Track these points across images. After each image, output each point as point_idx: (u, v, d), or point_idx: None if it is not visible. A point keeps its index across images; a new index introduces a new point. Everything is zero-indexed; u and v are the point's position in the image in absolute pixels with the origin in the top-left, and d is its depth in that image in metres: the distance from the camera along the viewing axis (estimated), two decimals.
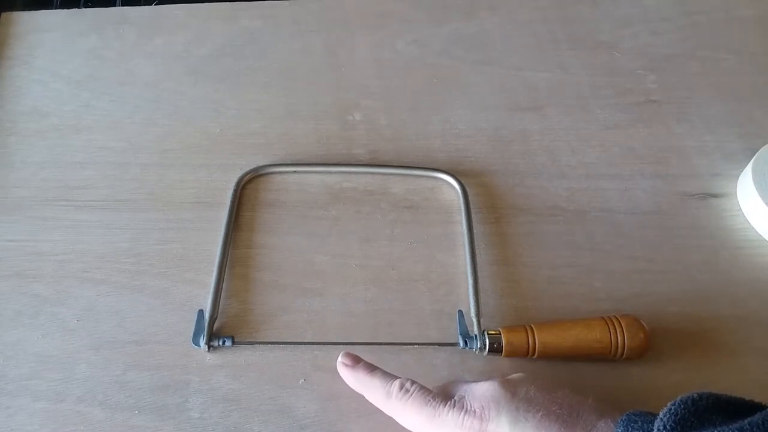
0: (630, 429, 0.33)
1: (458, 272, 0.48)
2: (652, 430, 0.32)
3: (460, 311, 0.46)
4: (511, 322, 0.46)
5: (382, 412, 0.41)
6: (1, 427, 0.41)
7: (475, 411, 0.35)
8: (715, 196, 0.53)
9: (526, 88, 0.60)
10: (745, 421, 0.29)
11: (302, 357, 0.44)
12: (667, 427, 0.31)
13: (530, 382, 0.37)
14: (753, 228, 0.51)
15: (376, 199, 0.53)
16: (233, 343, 0.44)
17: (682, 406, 0.31)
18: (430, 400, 0.37)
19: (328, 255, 0.49)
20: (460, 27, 0.65)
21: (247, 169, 0.53)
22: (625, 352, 0.42)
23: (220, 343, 0.44)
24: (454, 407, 0.36)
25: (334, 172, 0.54)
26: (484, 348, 0.43)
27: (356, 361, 0.40)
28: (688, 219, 0.52)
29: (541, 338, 0.42)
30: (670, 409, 0.31)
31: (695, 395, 0.32)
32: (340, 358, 0.41)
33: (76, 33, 0.63)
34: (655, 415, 0.32)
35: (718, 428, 0.30)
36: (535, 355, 0.42)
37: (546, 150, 0.56)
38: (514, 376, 0.38)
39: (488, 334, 0.43)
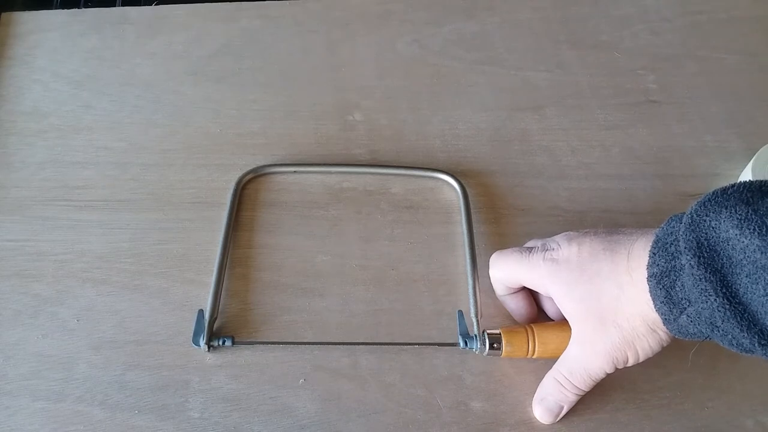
0: (664, 226, 0.35)
1: (458, 272, 0.48)
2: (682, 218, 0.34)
3: (460, 311, 0.46)
4: (511, 322, 0.46)
5: (382, 411, 0.42)
6: (1, 427, 0.41)
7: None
8: None
9: (526, 88, 0.60)
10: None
11: (302, 357, 0.44)
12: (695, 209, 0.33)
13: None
14: None
15: (376, 199, 0.53)
16: (233, 343, 0.44)
17: (711, 193, 0.33)
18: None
19: (328, 255, 0.49)
20: (460, 27, 0.65)
21: (247, 169, 0.53)
22: None
23: (220, 343, 0.44)
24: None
25: (334, 172, 0.54)
26: (484, 348, 0.43)
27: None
28: None
29: (541, 338, 0.42)
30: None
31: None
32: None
33: (76, 33, 0.63)
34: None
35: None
36: (535, 355, 0.42)
37: (546, 150, 0.56)
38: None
39: (488, 334, 0.43)
